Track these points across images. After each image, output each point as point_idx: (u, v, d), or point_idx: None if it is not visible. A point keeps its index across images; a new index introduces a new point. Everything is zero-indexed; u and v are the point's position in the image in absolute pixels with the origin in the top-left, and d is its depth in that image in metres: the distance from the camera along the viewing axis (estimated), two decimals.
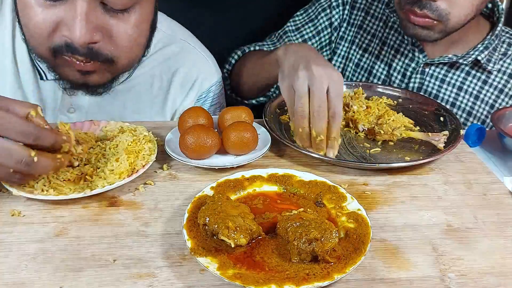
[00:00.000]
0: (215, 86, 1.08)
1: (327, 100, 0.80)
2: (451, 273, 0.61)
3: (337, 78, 0.81)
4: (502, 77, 1.16)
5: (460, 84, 1.18)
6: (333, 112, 0.80)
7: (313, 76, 0.80)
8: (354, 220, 0.66)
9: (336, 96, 0.80)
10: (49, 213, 0.70)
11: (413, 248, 0.65)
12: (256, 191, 0.74)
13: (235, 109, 0.90)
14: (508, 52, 1.17)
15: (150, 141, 0.83)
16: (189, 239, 0.61)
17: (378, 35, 1.26)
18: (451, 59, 1.15)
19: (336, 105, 0.80)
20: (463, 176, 0.83)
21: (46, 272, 0.59)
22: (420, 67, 1.19)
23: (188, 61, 1.05)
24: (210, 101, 1.08)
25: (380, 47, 1.26)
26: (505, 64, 1.16)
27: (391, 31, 1.24)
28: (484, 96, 1.17)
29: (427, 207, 0.74)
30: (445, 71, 1.18)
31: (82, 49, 0.80)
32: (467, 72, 1.17)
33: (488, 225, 0.71)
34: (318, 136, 0.81)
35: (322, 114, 0.80)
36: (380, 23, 1.26)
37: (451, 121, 0.96)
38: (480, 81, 1.16)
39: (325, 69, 0.81)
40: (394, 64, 1.23)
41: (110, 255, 0.62)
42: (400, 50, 1.22)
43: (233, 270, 0.57)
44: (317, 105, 0.79)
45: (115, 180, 0.73)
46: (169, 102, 1.05)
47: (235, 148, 0.82)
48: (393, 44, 1.24)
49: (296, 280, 0.56)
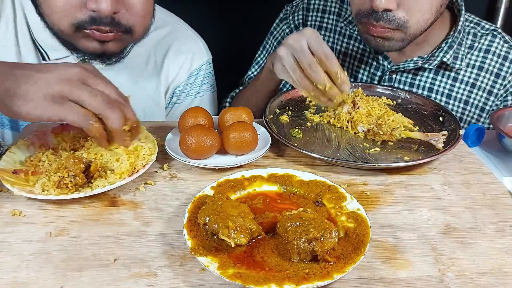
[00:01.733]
0: (205, 65, 1.16)
1: (313, 51, 0.86)
2: (450, 272, 0.61)
3: (311, 32, 0.88)
4: (472, 71, 1.14)
5: (430, 86, 1.15)
6: (323, 55, 0.86)
7: (289, 44, 0.88)
8: (354, 219, 0.66)
9: (318, 45, 0.86)
10: (49, 213, 0.70)
11: (412, 248, 0.66)
12: (256, 191, 0.74)
13: (235, 109, 0.90)
14: (474, 44, 1.14)
15: (150, 141, 0.84)
16: (190, 239, 0.61)
17: (336, 47, 1.23)
18: (416, 63, 1.12)
19: (322, 49, 0.86)
20: (462, 176, 0.83)
21: (47, 272, 0.59)
22: (386, 75, 1.16)
23: (180, 40, 1.13)
24: (201, 79, 1.16)
25: (341, 59, 1.22)
26: (473, 57, 1.14)
27: (350, 41, 1.21)
28: (456, 93, 1.15)
29: (426, 207, 0.75)
30: (412, 75, 1.16)
31: (106, 20, 0.88)
32: (435, 72, 1.15)
33: (487, 225, 0.71)
34: (325, 86, 0.87)
35: (314, 67, 0.86)
36: (336, 35, 1.23)
37: (450, 121, 0.96)
38: (450, 79, 1.14)
39: (296, 33, 0.89)
40: (359, 74, 1.21)
41: (111, 255, 0.63)
42: (364, 60, 1.20)
43: (233, 270, 0.57)
44: (306, 64, 0.86)
45: (115, 180, 0.74)
46: (162, 78, 1.12)
47: (235, 148, 0.82)
48: (355, 55, 1.21)
49: (296, 280, 0.56)
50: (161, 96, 1.14)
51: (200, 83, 1.16)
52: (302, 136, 0.92)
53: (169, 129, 0.90)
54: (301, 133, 0.93)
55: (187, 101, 1.16)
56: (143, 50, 1.09)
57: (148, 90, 1.11)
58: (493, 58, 1.14)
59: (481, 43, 1.14)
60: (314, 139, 0.92)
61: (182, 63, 1.13)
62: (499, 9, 1.76)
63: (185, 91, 1.15)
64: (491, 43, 1.14)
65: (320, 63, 0.86)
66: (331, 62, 0.86)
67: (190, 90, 1.16)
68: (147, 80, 1.11)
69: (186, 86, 1.15)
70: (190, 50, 1.14)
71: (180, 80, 1.14)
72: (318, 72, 0.86)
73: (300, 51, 0.87)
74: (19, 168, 0.78)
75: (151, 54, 1.11)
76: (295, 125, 0.96)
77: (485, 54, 1.14)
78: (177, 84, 1.14)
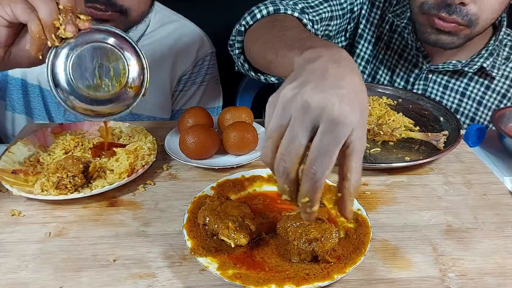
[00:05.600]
0: (209, 56, 1.24)
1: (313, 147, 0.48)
2: (451, 273, 0.61)
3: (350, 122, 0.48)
4: (505, 82, 1.14)
5: (463, 90, 1.15)
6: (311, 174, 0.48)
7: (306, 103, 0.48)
8: (354, 220, 0.66)
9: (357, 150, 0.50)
10: (49, 213, 0.70)
11: (413, 248, 0.65)
12: (256, 191, 0.74)
13: (235, 109, 0.90)
14: (510, 56, 1.14)
15: (150, 141, 0.84)
16: (189, 239, 0.61)
17: (383, 38, 1.21)
18: (456, 66, 1.11)
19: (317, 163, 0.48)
20: (463, 176, 0.83)
21: (46, 272, 0.59)
22: (424, 73, 1.15)
23: (186, 34, 1.22)
24: (205, 70, 1.24)
25: (384, 51, 1.21)
26: (508, 68, 1.14)
27: (395, 34, 1.19)
28: (487, 101, 1.15)
29: (427, 207, 0.74)
30: (448, 77, 1.15)
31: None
32: (470, 77, 1.14)
33: (488, 225, 0.71)
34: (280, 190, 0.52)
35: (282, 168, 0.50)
36: (387, 25, 1.20)
37: (451, 121, 0.96)
38: (483, 87, 1.14)
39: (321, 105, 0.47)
40: (397, 69, 1.20)
41: (110, 255, 0.62)
42: (404, 56, 1.18)
43: (233, 270, 0.57)
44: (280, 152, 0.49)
45: (115, 180, 0.74)
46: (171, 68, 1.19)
47: (235, 148, 0.82)
48: (396, 49, 1.19)
49: (296, 280, 0.56)
50: (169, 86, 1.21)
51: (205, 73, 1.24)
52: None
53: (169, 129, 0.90)
54: None
55: (193, 89, 1.24)
56: (150, 41, 1.16)
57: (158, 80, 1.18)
58: None
59: None
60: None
61: (189, 54, 1.21)
62: None
63: (191, 79, 1.23)
64: None
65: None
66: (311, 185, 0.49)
67: (195, 78, 1.23)
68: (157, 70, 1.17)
69: (192, 74, 1.22)
70: (196, 42, 1.22)
71: (187, 69, 1.21)
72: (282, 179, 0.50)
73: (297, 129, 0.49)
74: (18, 168, 0.77)
75: (157, 46, 1.17)
76: None
77: None
78: (184, 72, 1.21)
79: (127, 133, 0.88)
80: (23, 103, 1.15)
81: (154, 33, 1.17)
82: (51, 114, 1.16)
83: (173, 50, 1.19)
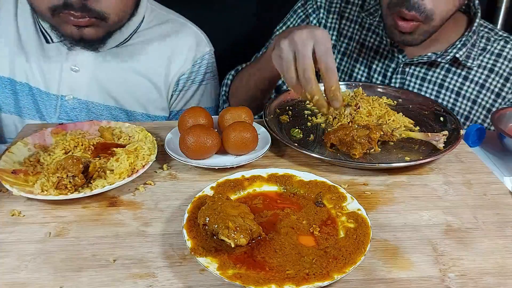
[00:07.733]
0: (208, 55, 1.23)
1: (317, 59, 0.84)
2: (451, 273, 0.61)
3: (321, 35, 0.85)
4: (482, 72, 1.17)
5: (441, 82, 1.18)
6: (325, 68, 0.84)
7: (294, 42, 0.84)
8: (354, 220, 0.66)
9: (323, 53, 0.84)
10: (49, 213, 0.70)
11: (413, 248, 0.65)
12: (256, 191, 0.74)
13: (235, 109, 0.90)
14: (487, 47, 1.17)
15: (149, 141, 0.84)
16: (189, 239, 0.61)
17: (355, 38, 1.26)
18: (430, 57, 1.16)
19: (325, 60, 0.84)
20: (463, 176, 0.83)
21: (46, 272, 0.59)
22: (400, 67, 1.19)
23: (183, 32, 1.21)
24: (205, 68, 1.23)
25: (358, 49, 1.26)
26: (485, 59, 1.17)
27: (369, 32, 1.24)
28: (466, 92, 1.17)
29: (427, 207, 0.74)
30: (425, 70, 1.19)
31: (78, 5, 0.94)
32: (447, 69, 1.18)
33: (488, 225, 0.71)
34: (312, 97, 0.86)
35: (307, 74, 0.84)
36: (356, 25, 1.26)
37: (451, 121, 0.96)
38: (461, 78, 1.17)
39: (307, 32, 0.85)
40: (374, 65, 1.23)
41: (110, 255, 0.62)
42: (379, 51, 1.23)
43: (233, 270, 0.57)
44: (301, 70, 0.84)
45: (115, 180, 0.74)
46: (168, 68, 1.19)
47: (235, 148, 0.82)
48: (371, 46, 1.24)
49: (296, 280, 0.56)
50: (163, 83, 1.19)
51: (204, 71, 1.23)
52: (302, 136, 0.92)
53: (169, 129, 0.90)
54: (301, 133, 0.93)
55: (193, 88, 1.23)
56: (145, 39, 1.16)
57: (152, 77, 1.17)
58: (504, 62, 1.16)
59: (494, 47, 1.18)
60: (314, 139, 0.92)
61: (187, 53, 1.20)
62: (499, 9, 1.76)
63: (191, 78, 1.22)
64: (503, 48, 1.17)
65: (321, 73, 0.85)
66: (329, 76, 0.84)
67: (195, 77, 1.22)
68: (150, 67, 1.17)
69: (191, 73, 1.21)
70: (194, 41, 1.21)
71: (186, 68, 1.20)
72: (310, 80, 0.84)
73: (302, 52, 0.84)
74: (18, 168, 0.77)
75: (154, 44, 1.17)
76: (295, 125, 0.96)
77: (496, 58, 1.17)
78: (183, 72, 1.20)
79: (127, 133, 0.88)
80: (11, 102, 1.12)
81: (149, 31, 1.17)
82: (42, 113, 1.13)
83: (168, 48, 1.18)
